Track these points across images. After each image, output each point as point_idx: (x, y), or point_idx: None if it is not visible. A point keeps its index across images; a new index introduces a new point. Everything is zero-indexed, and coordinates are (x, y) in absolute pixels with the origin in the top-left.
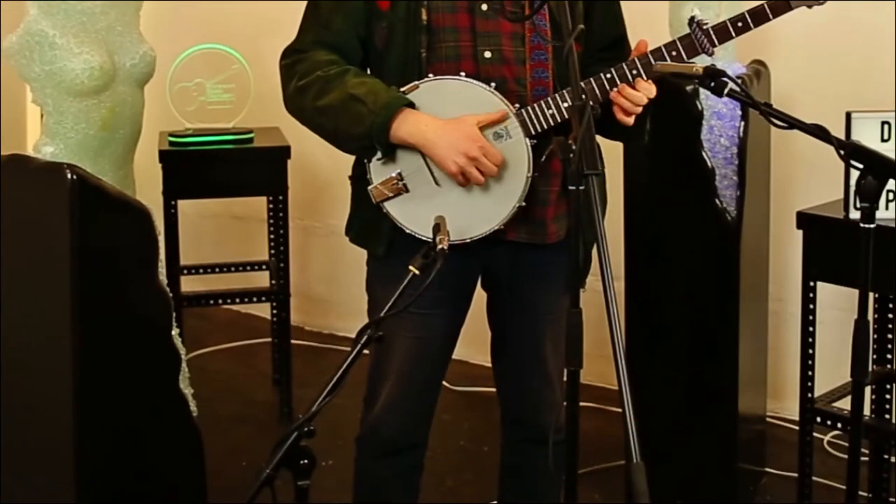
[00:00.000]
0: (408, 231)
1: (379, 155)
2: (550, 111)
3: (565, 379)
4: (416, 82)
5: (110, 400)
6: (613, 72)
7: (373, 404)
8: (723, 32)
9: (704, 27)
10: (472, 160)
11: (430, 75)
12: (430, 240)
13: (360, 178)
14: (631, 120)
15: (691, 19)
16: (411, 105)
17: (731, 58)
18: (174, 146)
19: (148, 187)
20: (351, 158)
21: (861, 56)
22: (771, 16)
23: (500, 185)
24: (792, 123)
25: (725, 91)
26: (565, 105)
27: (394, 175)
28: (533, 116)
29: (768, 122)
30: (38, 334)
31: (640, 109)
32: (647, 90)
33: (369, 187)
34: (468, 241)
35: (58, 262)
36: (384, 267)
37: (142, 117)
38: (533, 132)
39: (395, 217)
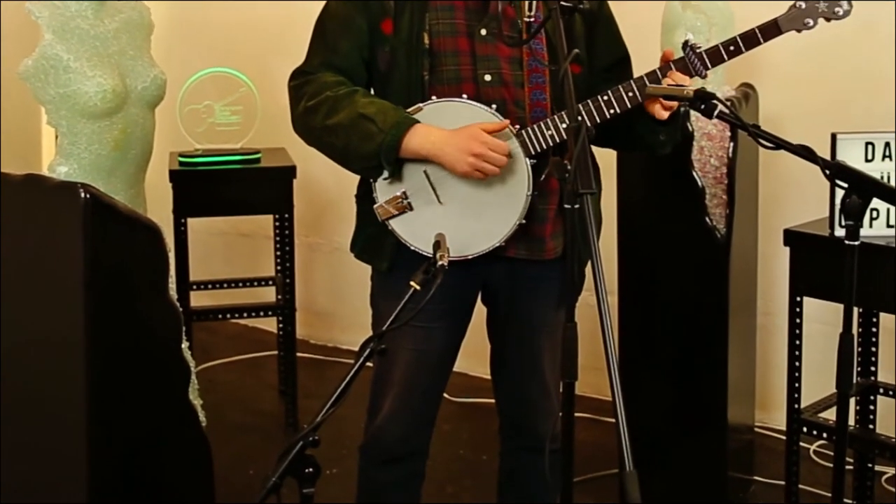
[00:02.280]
0: (412, 248)
1: (385, 174)
2: (549, 132)
3: (561, 390)
4: (420, 104)
5: (122, 410)
6: (610, 94)
7: (376, 414)
8: (715, 56)
9: (697, 50)
10: (479, 156)
11: (433, 97)
12: (432, 256)
13: (364, 196)
14: (666, 114)
15: (685, 43)
16: (417, 123)
17: (720, 81)
18: (184, 166)
19: (158, 205)
20: (355, 178)
21: (845, 80)
22: (762, 40)
23: (500, 202)
24: (779, 144)
25: (715, 113)
26: (563, 126)
27: (398, 194)
28: (532, 137)
29: (756, 143)
30: (53, 346)
31: (674, 104)
32: (681, 80)
33: (375, 206)
34: (469, 257)
35: (72, 277)
36: (387, 282)
37: (153, 138)
38: (532, 152)
39: (400, 234)
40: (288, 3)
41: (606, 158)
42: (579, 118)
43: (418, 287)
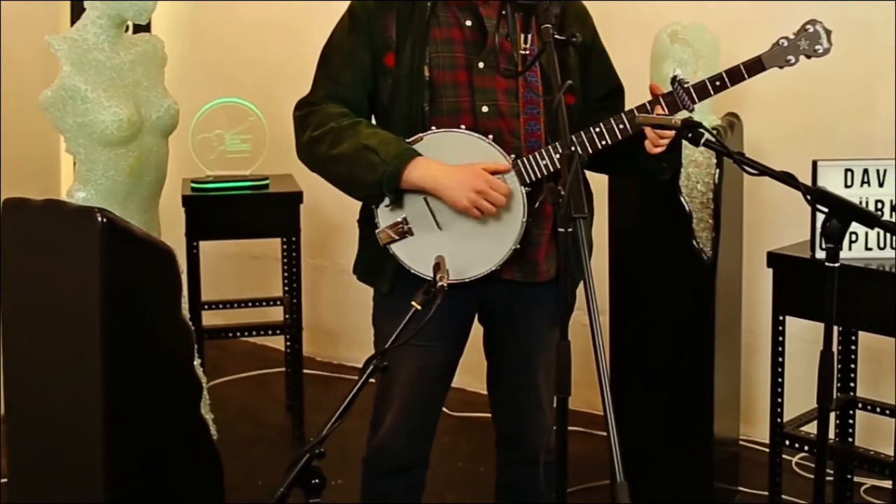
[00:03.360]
0: (412, 271)
1: (387, 201)
2: (544, 161)
3: (555, 405)
4: (420, 134)
5: (137, 423)
6: (602, 126)
7: (378, 427)
8: (702, 90)
9: (685, 85)
10: (480, 193)
11: (433, 128)
12: (431, 278)
13: (367, 221)
14: (657, 150)
15: (673, 78)
16: (418, 155)
17: (706, 110)
18: (196, 192)
19: (172, 229)
20: (358, 203)
21: (826, 110)
22: (746, 76)
23: (497, 228)
24: (763, 171)
25: (702, 141)
26: (557, 156)
27: (399, 220)
28: (528, 166)
29: (741, 170)
30: (71, 362)
31: (665, 142)
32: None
33: (377, 231)
34: (467, 280)
35: (89, 297)
36: (388, 303)
37: (166, 165)
38: (528, 180)
39: (401, 258)
40: (294, 36)
41: (599, 184)
42: (572, 148)
43: (419, 307)
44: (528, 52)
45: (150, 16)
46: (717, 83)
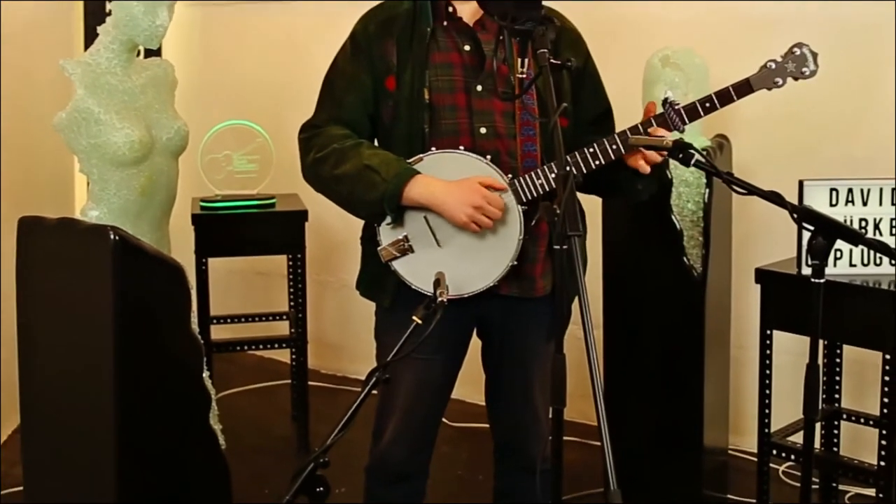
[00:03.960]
0: (413, 287)
1: (388, 220)
2: (539, 181)
3: (550, 415)
4: (421, 155)
5: (148, 433)
6: (596, 146)
7: (380, 437)
8: (692, 112)
9: (676, 107)
10: (477, 209)
11: (433, 148)
12: (432, 294)
13: (369, 239)
14: (648, 168)
15: (665, 101)
16: (418, 173)
17: (696, 132)
18: (205, 210)
19: (182, 246)
20: (360, 221)
21: (812, 131)
22: (735, 97)
23: (494, 245)
24: (751, 190)
25: (692, 162)
26: (552, 175)
27: (400, 237)
28: (524, 186)
29: (730, 189)
30: (84, 374)
31: (659, 158)
32: (662, 132)
33: (379, 248)
34: (466, 296)
35: (102, 312)
36: (390, 317)
37: (176, 185)
38: (524, 199)
39: (402, 274)
40: (299, 60)
41: (593, 204)
42: (567, 168)
43: (420, 321)
44: (525, 76)
45: (160, 41)
46: (707, 105)
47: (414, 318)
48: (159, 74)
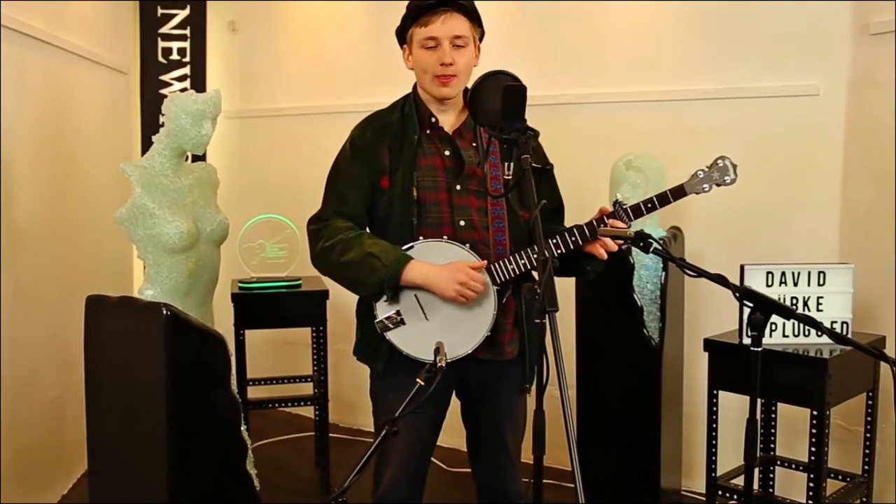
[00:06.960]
0: (405, 353)
1: (385, 298)
2: (511, 266)
3: (525, 459)
4: (412, 243)
5: (196, 476)
6: (567, 234)
7: (380, 482)
8: (637, 211)
9: (624, 207)
10: (463, 284)
11: (421, 237)
12: (421, 360)
13: (364, 313)
14: (606, 255)
15: (615, 202)
16: (412, 259)
17: (654, 224)
18: (242, 290)
19: (223, 319)
20: None
21: (751, 224)
22: (671, 199)
23: (473, 319)
24: (700, 273)
25: (651, 249)
26: (522, 262)
27: (393, 313)
28: (499, 270)
29: (683, 272)
30: (141, 427)
31: (615, 247)
32: (622, 225)
33: (375, 321)
34: (449, 360)
35: (156, 375)
36: (384, 379)
37: (219, 268)
38: (498, 281)
39: (396, 343)
40: (320, 163)
41: (567, 284)
42: (546, 254)
43: (423, 383)
44: (509, 177)
45: (205, 147)
46: (649, 205)
47: (418, 380)
48: (204, 176)
